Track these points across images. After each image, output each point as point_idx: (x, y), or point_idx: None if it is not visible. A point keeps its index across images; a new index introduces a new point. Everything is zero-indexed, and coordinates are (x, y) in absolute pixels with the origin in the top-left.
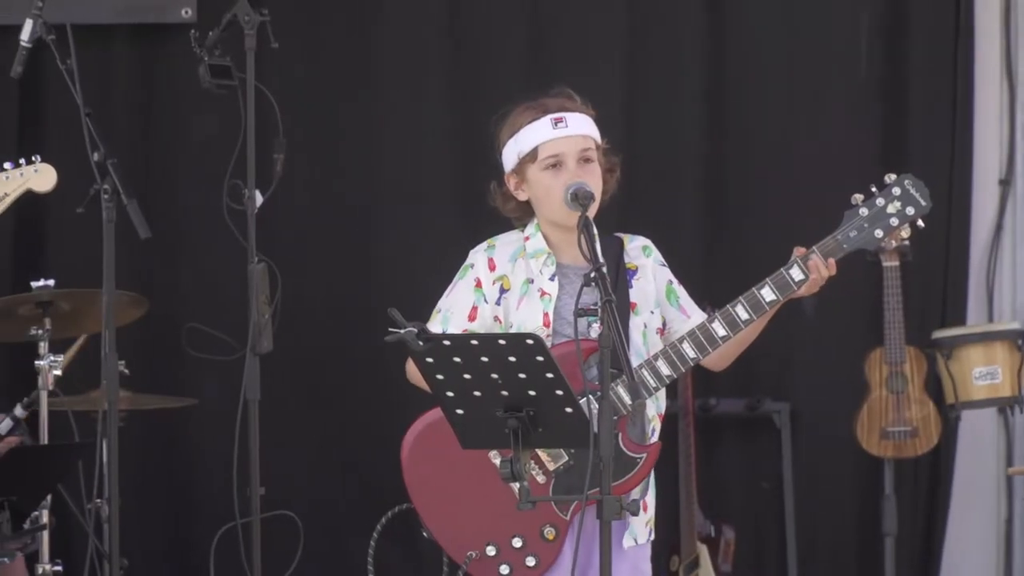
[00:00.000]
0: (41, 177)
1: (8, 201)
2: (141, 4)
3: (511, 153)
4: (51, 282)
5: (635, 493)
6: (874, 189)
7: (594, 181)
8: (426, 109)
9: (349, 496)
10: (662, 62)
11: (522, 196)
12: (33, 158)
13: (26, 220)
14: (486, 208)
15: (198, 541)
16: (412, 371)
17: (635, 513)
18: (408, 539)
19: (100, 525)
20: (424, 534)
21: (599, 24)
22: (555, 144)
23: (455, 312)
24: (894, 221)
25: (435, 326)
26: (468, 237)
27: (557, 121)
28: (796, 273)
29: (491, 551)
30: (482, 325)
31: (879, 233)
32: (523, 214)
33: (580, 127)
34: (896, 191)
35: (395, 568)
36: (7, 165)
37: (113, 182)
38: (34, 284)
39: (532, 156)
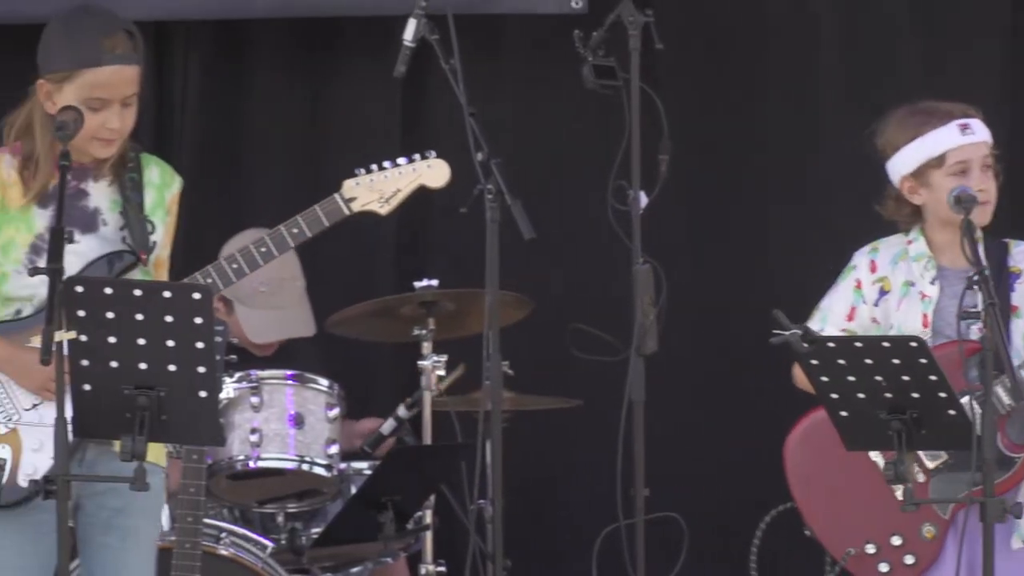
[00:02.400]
0: (434, 172)
1: (400, 197)
2: None
3: (910, 158)
4: (435, 282)
5: (1020, 495)
6: None
7: (992, 187)
8: (817, 110)
9: (734, 497)
10: None
11: (917, 200)
12: (427, 153)
13: (410, 220)
14: (874, 211)
15: (581, 542)
16: (799, 375)
17: (1018, 516)
18: (791, 538)
19: (483, 525)
20: (806, 532)
21: (982, 25)
22: (963, 150)
23: (833, 311)
24: None
25: (814, 323)
26: (856, 239)
27: (964, 127)
28: None
29: (870, 549)
30: (859, 325)
31: None
32: (912, 219)
33: (984, 133)
34: None
35: (779, 568)
36: (401, 160)
37: (497, 182)
38: (417, 284)
39: (939, 161)
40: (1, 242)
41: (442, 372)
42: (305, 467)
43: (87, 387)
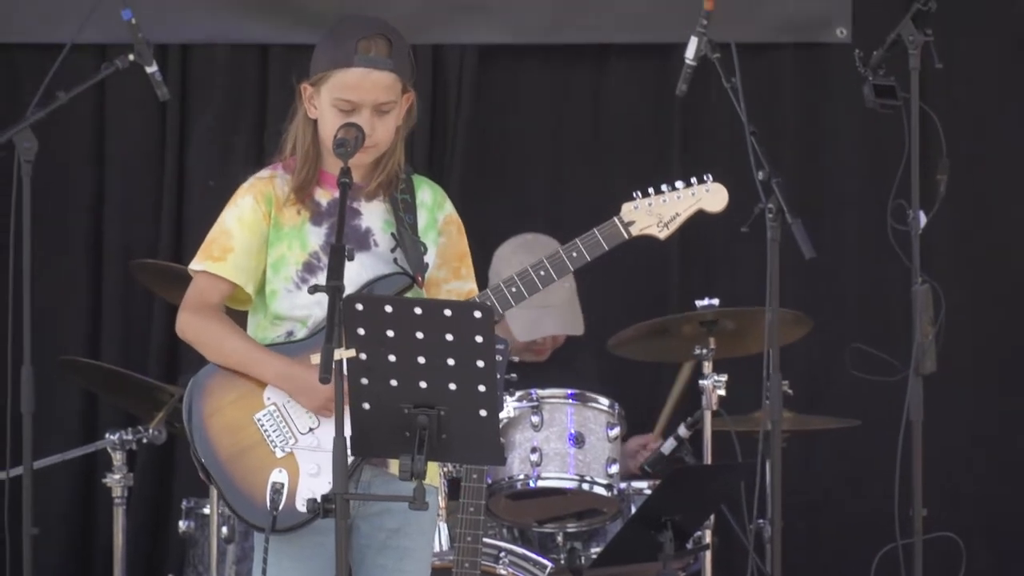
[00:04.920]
0: (713, 197)
1: (679, 221)
2: (799, 23)
3: None
4: (715, 301)
5: None
6: None
7: None
8: None
9: (1012, 517)
10: None
11: None
12: (705, 177)
13: (691, 239)
14: None
15: (858, 562)
16: None
17: None
18: None
19: (762, 545)
20: None
21: None
22: None
23: None
24: None
25: None
26: None
27: None
28: None
29: None
30: None
31: None
32: None
33: None
34: None
35: None
36: (679, 184)
37: (778, 201)
38: (698, 303)
39: None
40: (272, 259)
41: (723, 392)
42: (585, 486)
43: (366, 406)
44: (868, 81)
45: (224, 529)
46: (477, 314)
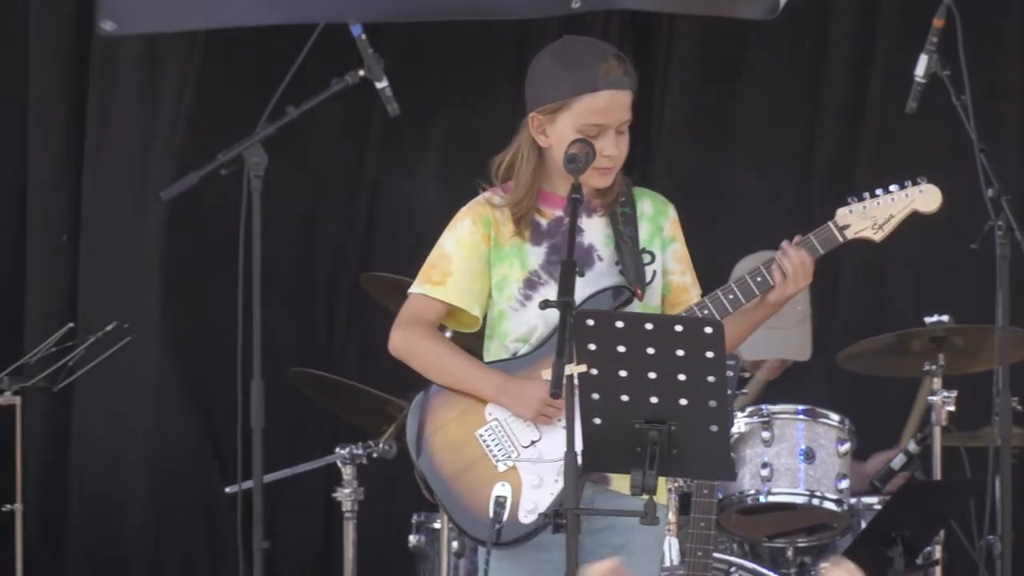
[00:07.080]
0: (926, 198)
1: (894, 223)
2: None
3: None
4: (945, 317)
5: None
6: None
7: None
8: None
9: None
10: None
11: None
12: (918, 179)
13: (916, 255)
14: None
15: None
16: None
17: None
18: None
19: (992, 561)
20: None
21: None
22: None
23: None
24: None
25: None
26: None
27: None
28: None
29: None
30: None
31: None
32: None
33: None
34: None
35: None
36: (892, 187)
37: (1007, 218)
38: (928, 319)
39: None
40: (496, 279)
41: (952, 407)
42: (815, 502)
43: (597, 421)
44: None
45: (455, 544)
46: (708, 330)
